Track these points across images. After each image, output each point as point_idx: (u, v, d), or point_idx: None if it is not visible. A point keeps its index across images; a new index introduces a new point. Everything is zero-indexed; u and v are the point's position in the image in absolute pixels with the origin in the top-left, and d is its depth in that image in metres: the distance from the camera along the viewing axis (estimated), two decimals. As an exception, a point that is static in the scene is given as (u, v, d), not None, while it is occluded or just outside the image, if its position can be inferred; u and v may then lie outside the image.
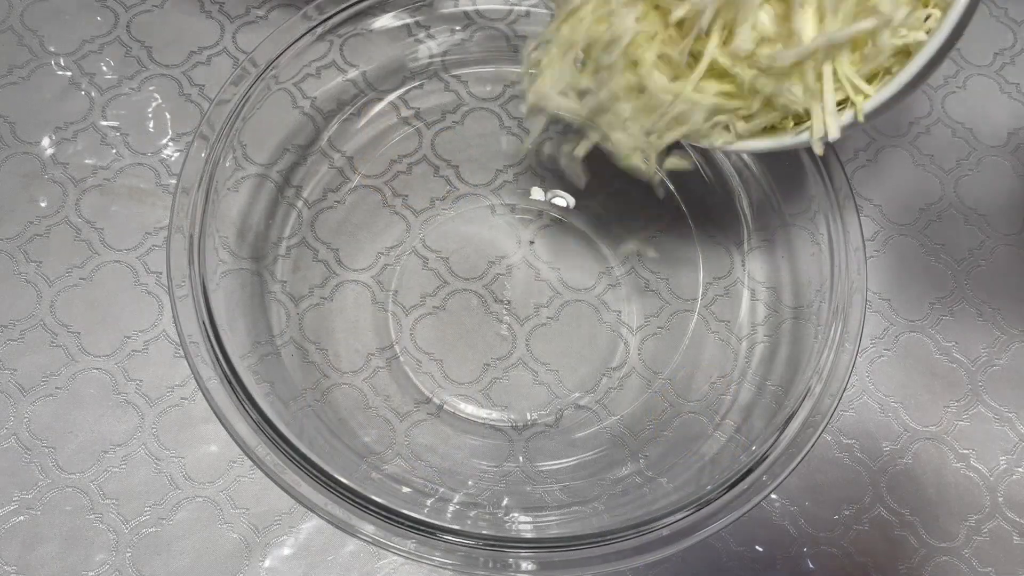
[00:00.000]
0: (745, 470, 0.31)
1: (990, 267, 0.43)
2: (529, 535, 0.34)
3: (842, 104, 0.29)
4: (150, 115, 0.44)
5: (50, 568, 0.36)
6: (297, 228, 0.41)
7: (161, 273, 0.41)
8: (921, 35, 0.28)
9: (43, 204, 0.42)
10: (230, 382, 0.31)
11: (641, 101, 0.31)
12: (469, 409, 0.40)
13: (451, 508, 0.35)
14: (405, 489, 0.35)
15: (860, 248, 0.34)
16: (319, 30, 0.37)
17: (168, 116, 0.44)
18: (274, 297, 0.39)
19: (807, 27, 0.28)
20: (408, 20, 0.42)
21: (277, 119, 0.38)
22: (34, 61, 0.44)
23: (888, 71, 0.29)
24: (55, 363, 0.39)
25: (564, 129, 0.35)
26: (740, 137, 0.31)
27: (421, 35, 0.43)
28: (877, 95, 0.29)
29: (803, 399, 0.32)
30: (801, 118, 0.31)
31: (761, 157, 0.39)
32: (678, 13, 0.29)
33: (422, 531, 0.30)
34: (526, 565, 0.30)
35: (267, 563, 0.36)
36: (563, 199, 0.44)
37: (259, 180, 0.39)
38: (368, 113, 0.43)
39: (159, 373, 0.39)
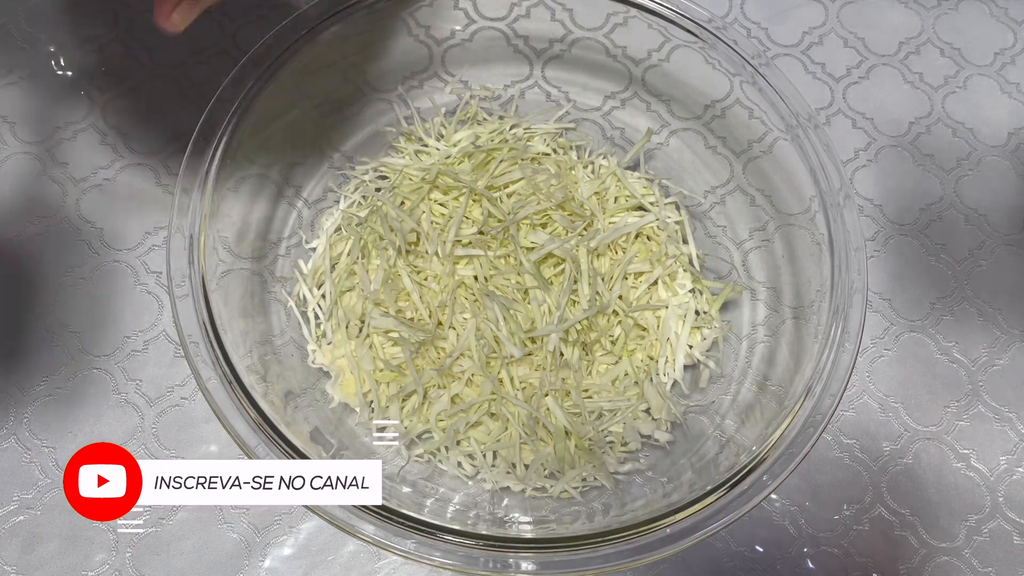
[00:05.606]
0: (745, 470, 0.31)
1: (990, 267, 0.43)
2: (529, 535, 0.34)
3: None
4: (150, 115, 0.44)
5: (50, 568, 0.36)
6: (297, 228, 0.41)
7: (161, 273, 0.41)
8: None
9: (43, 204, 0.42)
10: (230, 382, 0.31)
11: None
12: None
13: (451, 508, 0.35)
14: (405, 489, 0.35)
15: (860, 248, 0.34)
16: (319, 30, 0.37)
17: (168, 116, 0.44)
18: (274, 297, 0.39)
19: None
20: (408, 20, 0.42)
21: (277, 119, 0.38)
22: (34, 61, 0.44)
23: None
24: (55, 363, 0.39)
25: None
26: None
27: (421, 35, 0.43)
28: None
29: (803, 399, 0.32)
30: None
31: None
32: None
33: (422, 531, 0.30)
34: (526, 565, 0.30)
35: (267, 563, 0.36)
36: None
37: (259, 180, 0.39)
38: (368, 113, 0.43)
39: (159, 373, 0.39)
